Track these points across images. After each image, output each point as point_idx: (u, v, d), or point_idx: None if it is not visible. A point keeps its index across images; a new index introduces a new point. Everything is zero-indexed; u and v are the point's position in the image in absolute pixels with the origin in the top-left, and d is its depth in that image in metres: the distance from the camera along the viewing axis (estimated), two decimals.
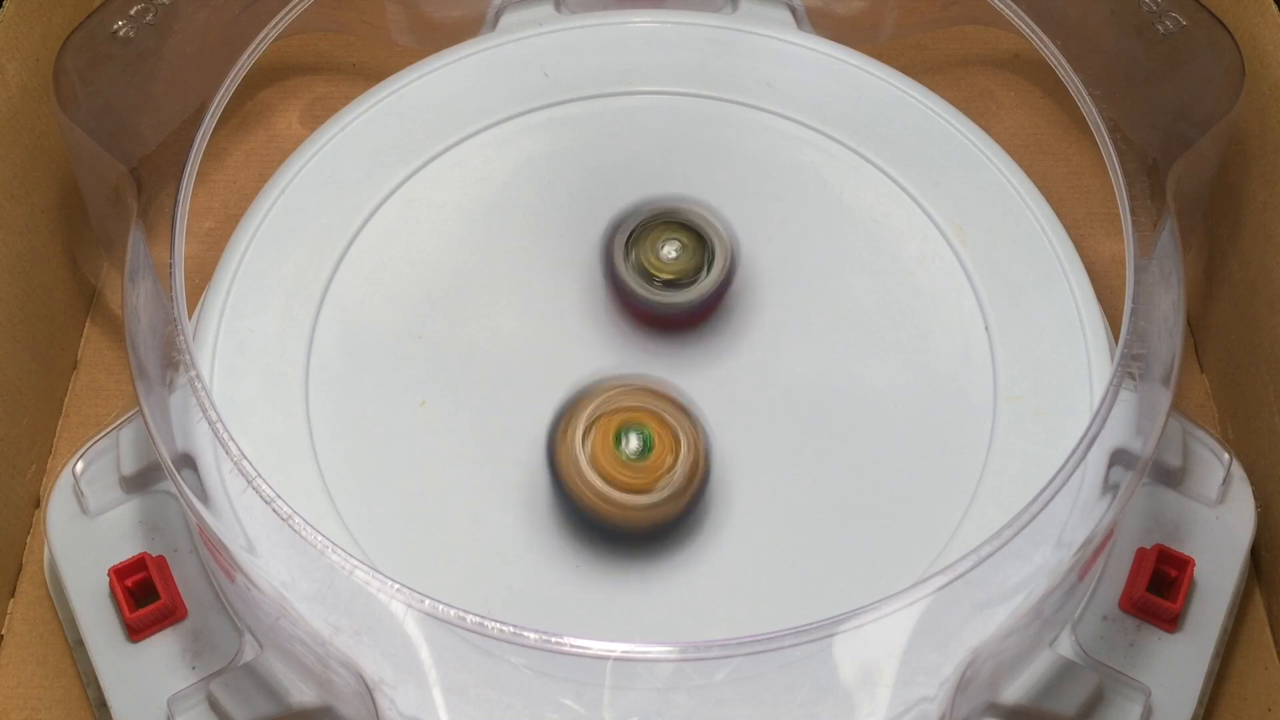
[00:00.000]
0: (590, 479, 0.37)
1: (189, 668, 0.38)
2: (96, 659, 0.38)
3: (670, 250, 0.41)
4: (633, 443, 0.38)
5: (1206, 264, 0.49)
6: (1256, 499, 0.41)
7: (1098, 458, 0.36)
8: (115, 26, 0.44)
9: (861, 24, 0.52)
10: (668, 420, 0.38)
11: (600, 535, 0.38)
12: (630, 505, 0.37)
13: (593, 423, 0.38)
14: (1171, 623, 0.39)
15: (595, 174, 0.45)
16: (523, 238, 0.44)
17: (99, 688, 0.38)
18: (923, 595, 0.34)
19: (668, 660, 0.33)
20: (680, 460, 0.38)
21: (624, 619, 0.37)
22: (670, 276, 0.41)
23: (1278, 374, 0.43)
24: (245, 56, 0.44)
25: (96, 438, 0.41)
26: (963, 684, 0.34)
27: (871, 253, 0.44)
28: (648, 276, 0.41)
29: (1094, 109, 0.43)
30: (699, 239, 0.41)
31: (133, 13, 0.44)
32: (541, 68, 0.48)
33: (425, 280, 0.43)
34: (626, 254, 0.41)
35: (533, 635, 0.32)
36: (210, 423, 0.36)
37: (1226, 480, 0.41)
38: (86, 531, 0.40)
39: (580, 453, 0.38)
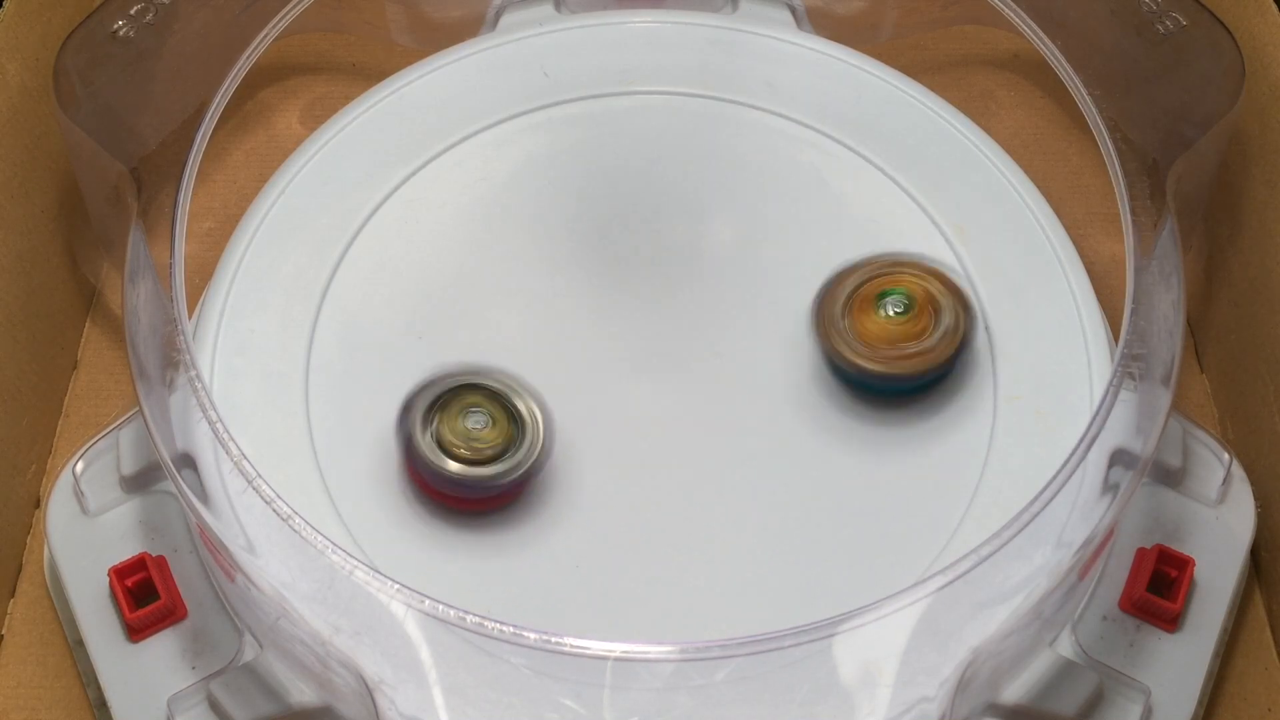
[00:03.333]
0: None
1: (189, 668, 0.38)
2: (96, 659, 0.38)
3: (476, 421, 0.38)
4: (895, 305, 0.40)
5: (1206, 264, 0.49)
6: (1256, 499, 0.41)
7: (1098, 458, 0.36)
8: (115, 26, 0.44)
9: (861, 24, 0.52)
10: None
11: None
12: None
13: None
14: (1171, 623, 0.39)
15: (595, 174, 0.45)
16: (523, 238, 0.44)
17: (99, 688, 0.38)
18: (923, 595, 0.34)
19: (668, 660, 0.33)
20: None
21: (624, 619, 0.37)
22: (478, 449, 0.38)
23: (1278, 374, 0.43)
24: (245, 56, 0.44)
25: (96, 438, 0.41)
26: (963, 684, 0.34)
27: (871, 252, 0.43)
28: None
29: (1094, 109, 0.43)
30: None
31: (133, 13, 0.44)
32: (541, 68, 0.48)
33: (425, 280, 0.43)
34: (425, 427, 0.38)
35: (533, 635, 0.32)
36: (210, 423, 0.36)
37: (1226, 480, 0.41)
38: (86, 531, 0.40)
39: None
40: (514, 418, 0.38)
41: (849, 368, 0.40)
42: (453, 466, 0.37)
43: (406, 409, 0.38)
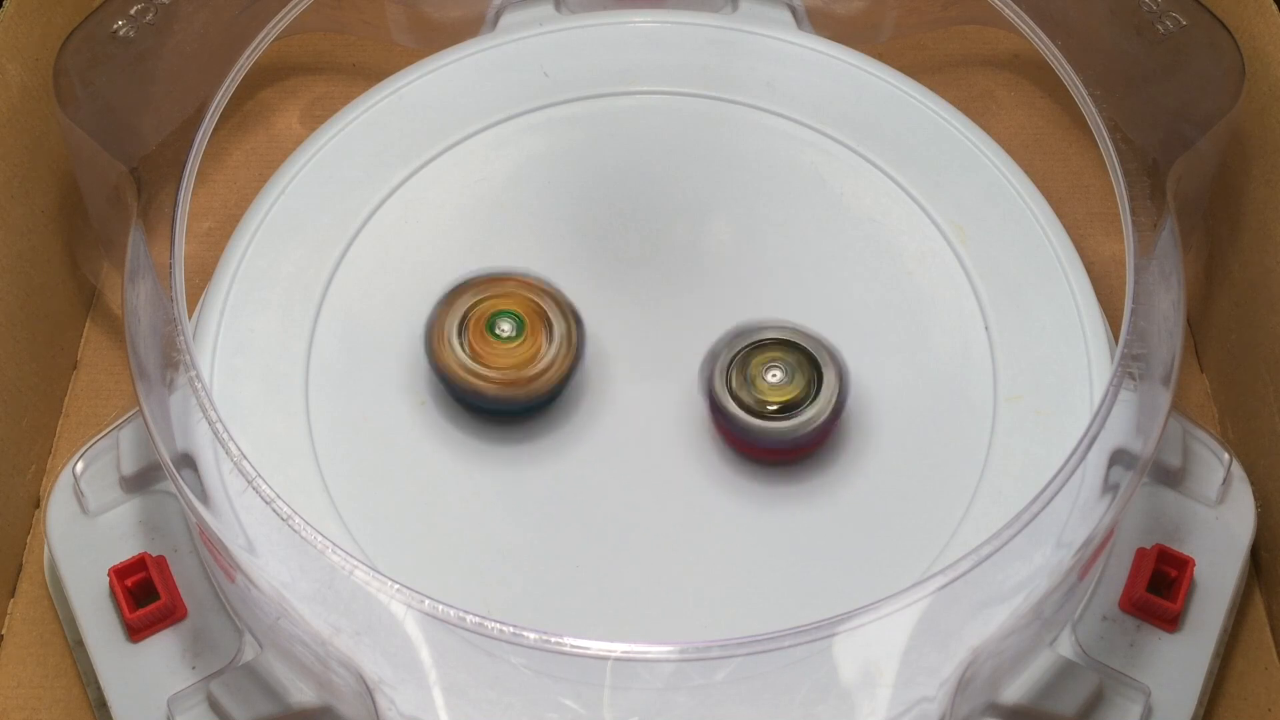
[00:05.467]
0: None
1: (189, 668, 0.38)
2: (96, 659, 0.38)
3: None
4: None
5: (1206, 264, 0.49)
6: (1256, 499, 0.41)
7: (1098, 458, 0.36)
8: (115, 26, 0.44)
9: (861, 24, 0.52)
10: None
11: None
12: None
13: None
14: (1171, 623, 0.39)
15: (595, 174, 0.45)
16: (522, 238, 0.44)
17: (99, 688, 0.38)
18: (923, 595, 0.34)
19: (668, 660, 0.33)
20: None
21: (624, 619, 0.37)
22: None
23: (1278, 374, 0.43)
24: (245, 56, 0.44)
25: (96, 438, 0.41)
26: (963, 684, 0.34)
27: (871, 253, 0.44)
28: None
29: (1094, 109, 0.43)
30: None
31: (133, 13, 0.44)
32: (541, 68, 0.48)
33: (425, 280, 0.43)
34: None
35: (533, 635, 0.32)
36: (210, 423, 0.36)
37: (1226, 480, 0.41)
38: (86, 531, 0.40)
39: None
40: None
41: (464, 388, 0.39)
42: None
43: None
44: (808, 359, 0.39)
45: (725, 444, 0.40)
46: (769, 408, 0.39)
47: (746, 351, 0.39)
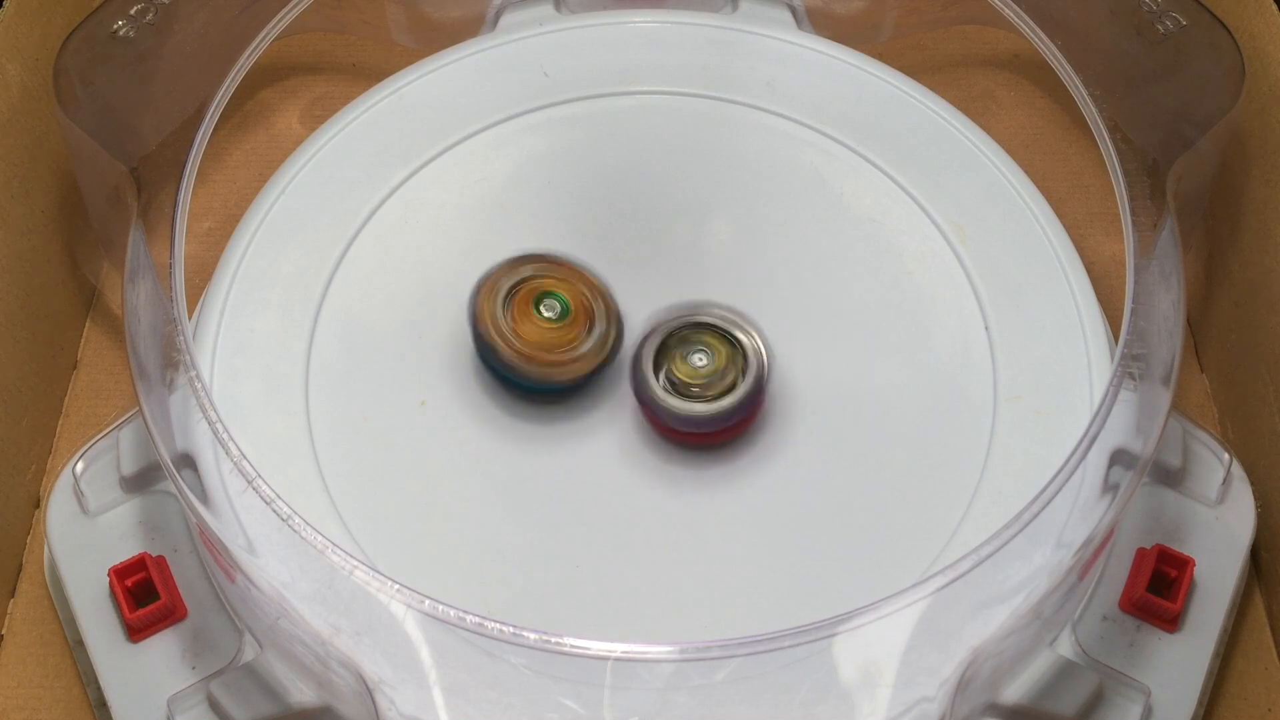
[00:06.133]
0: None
1: (189, 668, 0.38)
2: (96, 659, 0.38)
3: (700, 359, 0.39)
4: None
5: (1206, 264, 0.49)
6: (1256, 499, 0.41)
7: (1098, 458, 0.36)
8: (115, 26, 0.44)
9: (861, 24, 0.52)
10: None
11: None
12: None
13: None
14: (1171, 623, 0.39)
15: (595, 174, 0.45)
16: (522, 238, 0.44)
17: (99, 688, 0.38)
18: (923, 595, 0.34)
19: (668, 660, 0.33)
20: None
21: (624, 619, 0.37)
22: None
23: (1278, 374, 0.43)
24: (245, 56, 0.44)
25: (96, 438, 0.41)
26: (963, 684, 0.34)
27: (871, 253, 0.44)
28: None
29: (1094, 109, 0.43)
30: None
31: (133, 13, 0.44)
32: (541, 68, 0.48)
33: (425, 280, 0.43)
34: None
35: (533, 635, 0.32)
36: (210, 423, 0.36)
37: (1226, 480, 0.41)
38: (86, 531, 0.40)
39: None
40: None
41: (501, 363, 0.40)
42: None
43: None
44: (723, 338, 0.39)
45: (658, 434, 0.40)
46: (693, 389, 0.39)
47: (669, 341, 0.40)
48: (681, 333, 0.40)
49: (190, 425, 0.38)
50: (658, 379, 0.39)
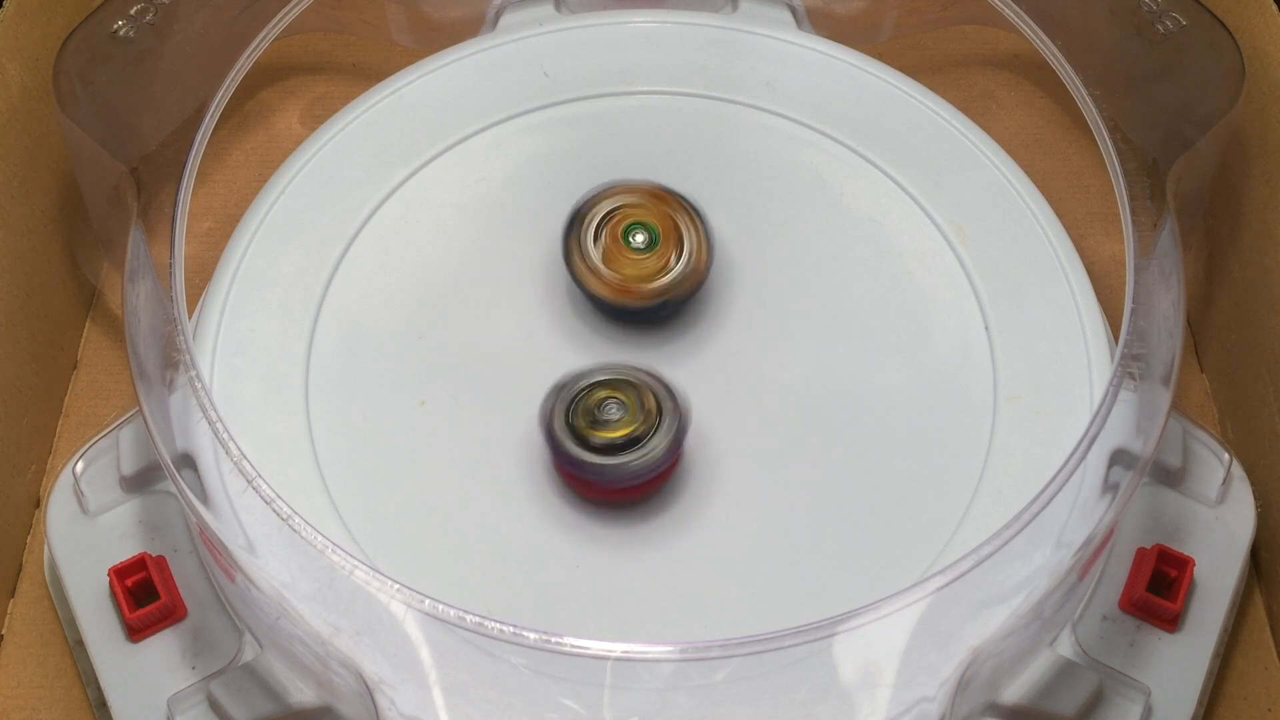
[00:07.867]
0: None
1: (189, 668, 0.38)
2: (96, 659, 0.38)
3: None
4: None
5: (1206, 264, 0.49)
6: (1256, 499, 0.41)
7: (1098, 458, 0.36)
8: (115, 26, 0.44)
9: (861, 24, 0.52)
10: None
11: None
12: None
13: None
14: (1171, 623, 0.39)
15: (595, 174, 0.45)
16: (522, 238, 0.44)
17: (99, 688, 0.38)
18: (923, 595, 0.34)
19: (668, 660, 0.33)
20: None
21: (624, 619, 0.37)
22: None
23: (1278, 374, 0.43)
24: (245, 56, 0.44)
25: (96, 438, 0.41)
26: (963, 684, 0.34)
27: (871, 253, 0.44)
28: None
29: (1094, 109, 0.43)
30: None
31: (133, 13, 0.44)
32: (541, 68, 0.48)
33: (425, 280, 0.43)
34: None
35: (533, 635, 0.32)
36: (210, 423, 0.36)
37: (1226, 480, 0.41)
38: (86, 531, 0.40)
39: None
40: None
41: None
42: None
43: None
44: (636, 390, 0.38)
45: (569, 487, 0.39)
46: (614, 443, 0.37)
47: (579, 399, 0.38)
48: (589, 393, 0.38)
49: (190, 425, 0.38)
50: (583, 441, 0.37)
